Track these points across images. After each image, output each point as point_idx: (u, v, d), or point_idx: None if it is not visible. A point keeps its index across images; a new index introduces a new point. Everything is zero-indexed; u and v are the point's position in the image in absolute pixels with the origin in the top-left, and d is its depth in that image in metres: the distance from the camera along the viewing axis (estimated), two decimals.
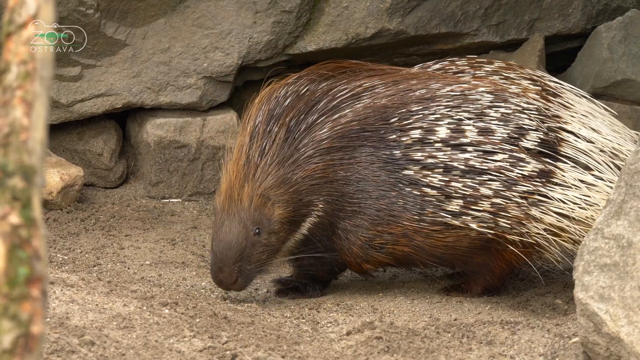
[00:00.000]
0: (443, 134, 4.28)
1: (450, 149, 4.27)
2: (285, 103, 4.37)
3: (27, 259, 2.17)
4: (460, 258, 4.40)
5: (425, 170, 4.27)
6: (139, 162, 5.65)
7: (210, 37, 5.44)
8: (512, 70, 4.53)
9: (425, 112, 4.32)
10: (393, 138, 4.32)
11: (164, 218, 5.35)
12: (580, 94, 4.52)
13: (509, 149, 4.27)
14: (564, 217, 4.24)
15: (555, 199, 4.24)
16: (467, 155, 4.26)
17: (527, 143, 4.29)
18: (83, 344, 3.38)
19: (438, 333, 3.90)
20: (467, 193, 4.24)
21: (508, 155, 4.26)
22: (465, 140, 4.28)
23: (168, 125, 5.55)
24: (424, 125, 4.30)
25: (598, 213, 4.09)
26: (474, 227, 4.26)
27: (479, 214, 4.25)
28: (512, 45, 5.75)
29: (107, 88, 5.43)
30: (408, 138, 4.30)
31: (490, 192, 4.23)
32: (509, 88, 4.41)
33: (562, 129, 4.35)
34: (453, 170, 4.26)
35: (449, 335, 3.88)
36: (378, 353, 3.70)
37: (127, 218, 5.26)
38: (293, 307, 4.33)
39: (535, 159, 4.27)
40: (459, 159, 4.26)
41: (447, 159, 4.26)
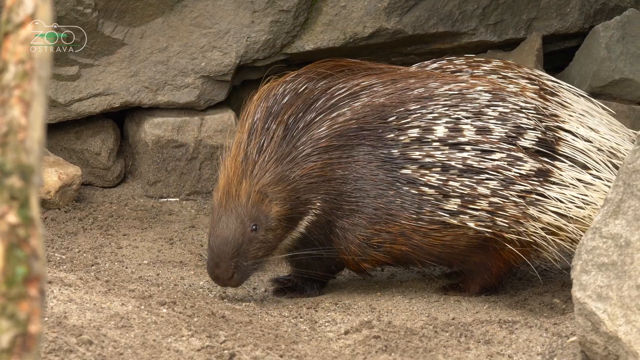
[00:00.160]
0: (441, 133, 4.28)
1: (448, 148, 4.27)
2: (284, 101, 4.37)
3: (25, 258, 2.17)
4: (458, 257, 4.40)
5: (423, 169, 4.27)
6: (137, 161, 5.64)
7: (208, 36, 5.43)
8: (510, 70, 4.52)
9: (423, 111, 4.32)
10: (391, 137, 4.32)
11: (162, 217, 5.34)
12: (578, 93, 4.52)
13: (507, 148, 4.27)
14: (562, 216, 4.24)
15: (553, 198, 4.24)
16: (464, 154, 4.26)
17: (525, 142, 4.29)
18: (81, 343, 3.38)
19: (436, 332, 3.90)
20: (464, 192, 4.24)
21: (506, 154, 4.26)
22: (463, 139, 4.28)
23: (166, 125, 5.54)
24: (422, 124, 4.30)
25: (596, 212, 4.09)
26: (472, 226, 4.26)
27: (477, 213, 4.25)
28: (509, 45, 5.75)
29: (104, 87, 5.43)
30: (406, 137, 4.30)
31: (488, 191, 4.23)
32: (507, 87, 4.41)
33: (560, 128, 4.35)
34: (451, 169, 4.26)
35: (447, 335, 3.88)
36: (376, 352, 3.70)
37: (125, 217, 5.26)
38: (291, 306, 4.33)
39: (533, 158, 4.27)
40: (457, 158, 4.26)
41: (444, 158, 4.26)
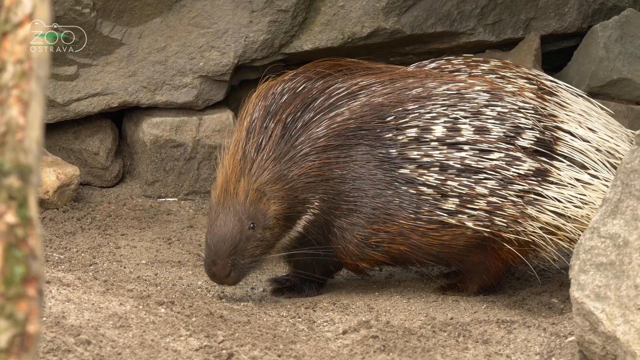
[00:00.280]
0: (439, 133, 4.28)
1: (447, 148, 4.27)
2: (282, 100, 4.37)
3: (23, 258, 2.17)
4: (457, 257, 4.40)
5: (421, 169, 4.27)
6: (135, 161, 5.64)
7: (207, 36, 5.43)
8: (508, 69, 4.53)
9: (422, 110, 4.32)
10: (389, 137, 4.32)
11: (160, 217, 5.34)
12: (577, 93, 4.52)
13: (505, 148, 4.27)
14: (560, 215, 4.24)
15: (551, 198, 4.24)
16: (463, 154, 4.26)
17: (523, 142, 4.29)
18: (79, 343, 3.38)
19: (434, 332, 3.90)
20: (463, 192, 4.24)
21: (504, 154, 4.26)
22: (462, 139, 4.28)
23: (164, 125, 5.54)
24: (420, 124, 4.30)
25: (594, 212, 4.09)
26: (470, 225, 4.26)
27: (475, 213, 4.25)
28: (508, 45, 5.75)
29: (103, 87, 5.43)
30: (404, 137, 4.30)
31: (486, 190, 4.23)
32: (505, 87, 4.41)
33: (558, 128, 4.35)
34: (449, 169, 4.26)
35: (445, 334, 3.88)
36: (374, 352, 3.70)
37: (123, 217, 5.25)
38: (289, 306, 4.33)
39: (531, 158, 4.27)
40: (455, 158, 4.26)
41: (443, 158, 4.26)
